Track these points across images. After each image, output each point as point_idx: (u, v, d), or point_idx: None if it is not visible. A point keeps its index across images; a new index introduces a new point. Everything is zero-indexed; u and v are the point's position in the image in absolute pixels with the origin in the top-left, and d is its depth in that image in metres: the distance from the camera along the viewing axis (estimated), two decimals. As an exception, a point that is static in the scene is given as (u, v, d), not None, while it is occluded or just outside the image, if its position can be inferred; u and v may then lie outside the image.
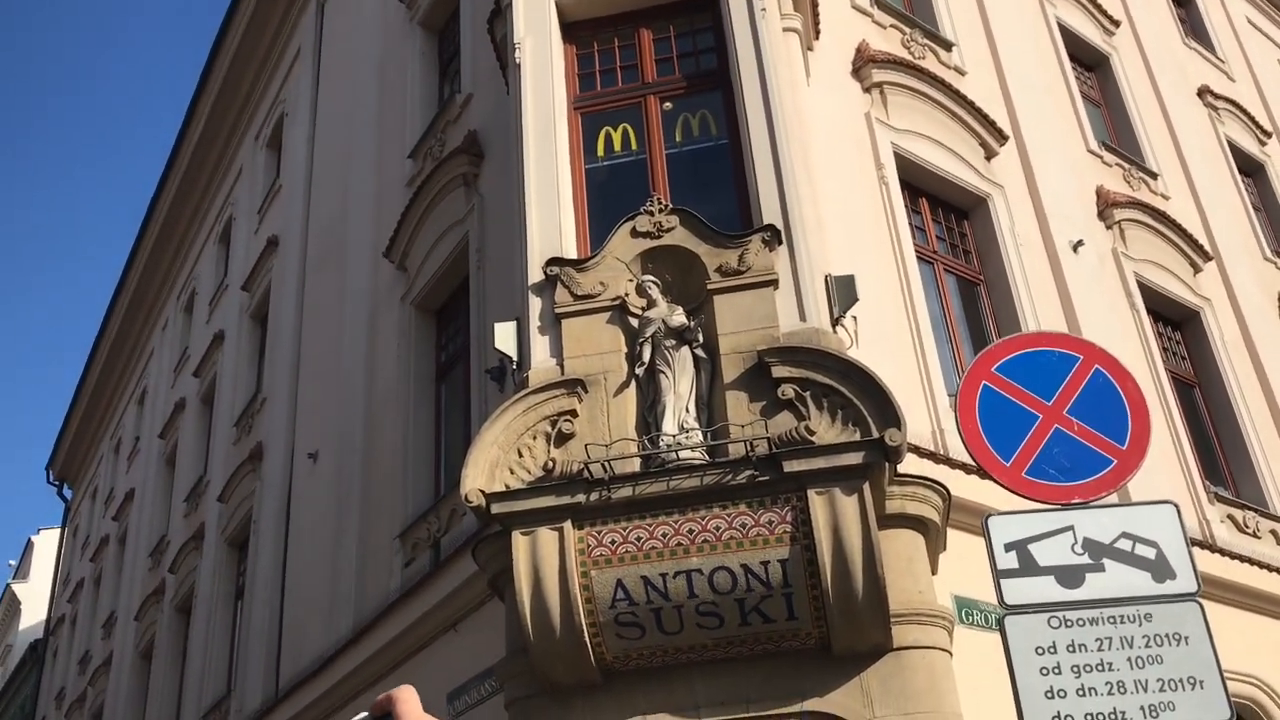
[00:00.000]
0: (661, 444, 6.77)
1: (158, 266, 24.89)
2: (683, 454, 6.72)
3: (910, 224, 9.57)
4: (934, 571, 7.18)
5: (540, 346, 7.42)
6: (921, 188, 10.11)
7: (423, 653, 9.48)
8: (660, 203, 7.62)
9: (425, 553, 9.81)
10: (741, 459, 6.57)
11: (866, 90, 9.95)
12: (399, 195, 12.17)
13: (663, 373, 7.01)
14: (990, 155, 10.75)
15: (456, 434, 10.43)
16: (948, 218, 10.38)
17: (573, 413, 7.09)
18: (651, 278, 7.37)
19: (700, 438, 6.84)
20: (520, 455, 7.01)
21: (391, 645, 9.86)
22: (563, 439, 7.03)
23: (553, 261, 7.56)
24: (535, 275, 7.59)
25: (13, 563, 42.41)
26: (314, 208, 15.58)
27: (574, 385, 7.13)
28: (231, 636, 15.32)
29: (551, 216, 7.81)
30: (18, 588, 39.51)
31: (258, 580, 14.17)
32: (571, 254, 7.70)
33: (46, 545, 37.58)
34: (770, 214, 7.47)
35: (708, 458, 6.74)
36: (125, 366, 27.94)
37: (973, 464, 6.87)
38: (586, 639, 6.57)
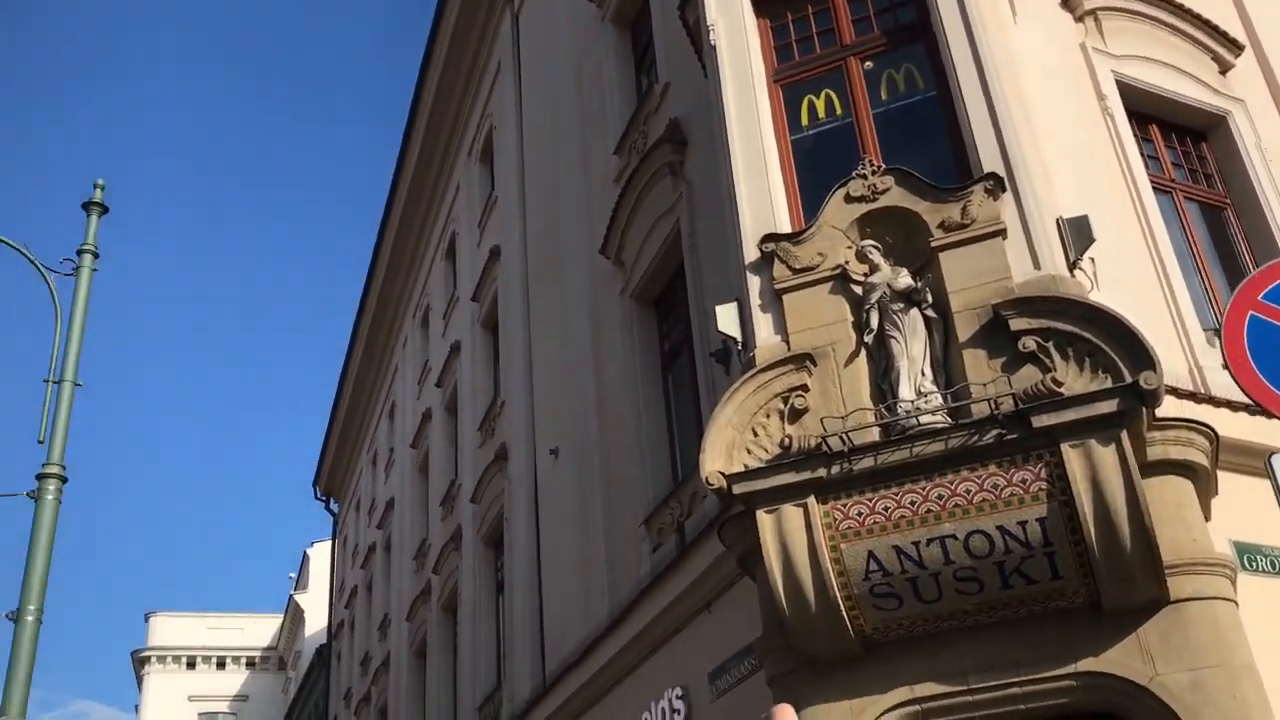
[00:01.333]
0: (900, 411, 6.63)
1: (393, 288, 26.34)
2: (923, 419, 6.57)
3: (1142, 154, 8.99)
4: (1207, 518, 6.74)
5: (764, 324, 7.40)
6: (1150, 114, 9.48)
7: (679, 635, 9.65)
8: (872, 164, 7.46)
9: (671, 537, 9.99)
10: (986, 418, 6.36)
11: (1079, 20, 9.40)
12: (608, 192, 12.40)
13: (893, 338, 6.87)
14: (1225, 69, 9.97)
15: (687, 420, 10.57)
16: (1183, 142, 9.69)
17: (804, 388, 7.04)
18: (871, 242, 7.23)
19: (940, 400, 6.66)
20: (755, 434, 7.02)
21: (648, 630, 10.09)
22: (796, 415, 7.00)
23: (767, 238, 7.53)
24: (751, 254, 7.58)
25: (293, 575, 45.88)
26: (529, 214, 16.10)
27: (802, 360, 7.08)
28: (497, 631, 16.05)
29: (761, 193, 7.78)
30: (299, 598, 42.71)
31: (515, 575, 14.79)
32: (785, 228, 7.64)
33: (320, 556, 40.46)
34: (990, 162, 7.19)
35: (950, 420, 6.55)
36: (373, 384, 29.72)
37: (1242, 400, 6.45)
38: (843, 612, 6.53)
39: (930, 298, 6.90)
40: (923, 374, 6.78)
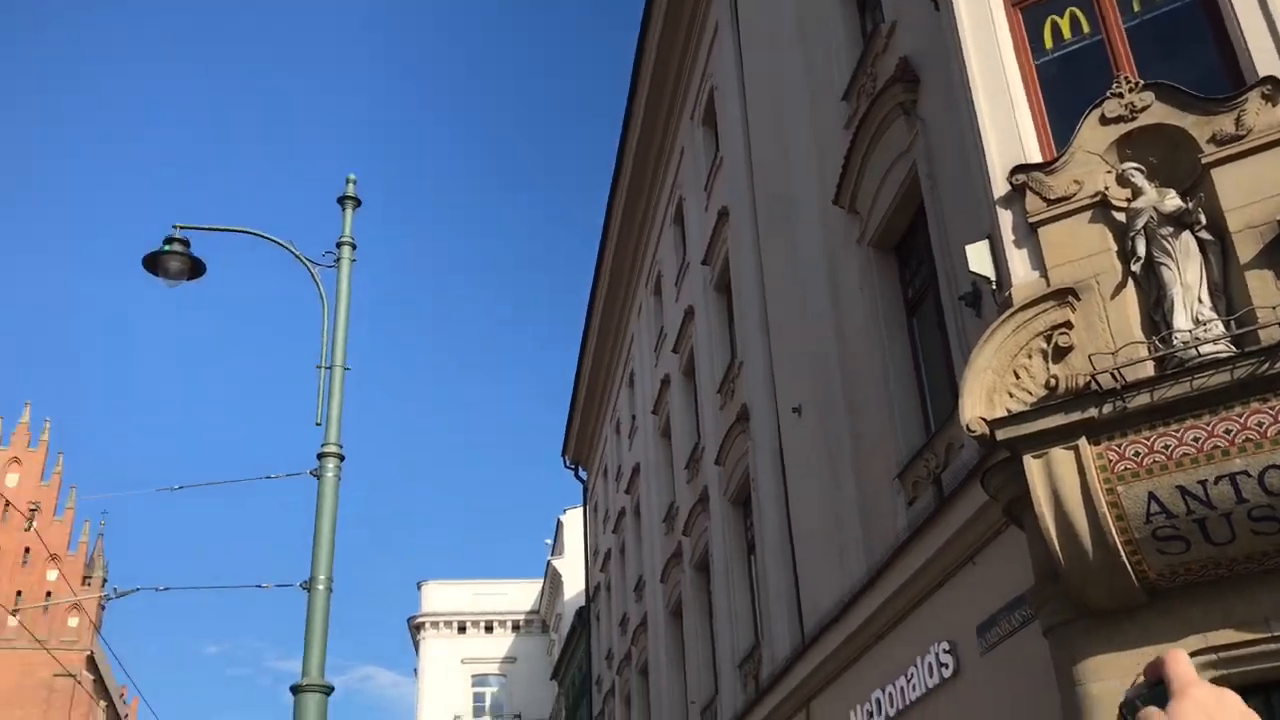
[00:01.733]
0: (1176, 341, 6.18)
1: (624, 258, 26.79)
2: (1203, 349, 6.10)
3: None
4: None
5: (1019, 261, 7.05)
6: None
7: (943, 589, 9.40)
8: (1128, 81, 6.95)
9: (927, 490, 9.72)
10: (1277, 345, 5.84)
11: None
12: (838, 140, 12.12)
13: (1164, 265, 6.40)
14: None
15: (937, 368, 10.24)
16: None
17: (1067, 324, 6.67)
18: (1132, 165, 6.75)
19: (1221, 328, 6.16)
20: (1017, 377, 6.71)
21: (909, 585, 9.88)
22: (1061, 353, 6.64)
23: (1017, 169, 7.16)
24: (1000, 188, 7.22)
25: (548, 541, 47.75)
26: (757, 171, 15.96)
27: (1064, 295, 6.70)
28: (751, 589, 16.14)
29: (1007, 123, 7.39)
30: (556, 563, 44.37)
31: (766, 534, 14.81)
32: (1036, 157, 7.24)
33: (573, 523, 41.86)
34: (1266, 64, 6.57)
35: (1234, 349, 6.06)
36: (612, 354, 30.39)
37: None
38: (1124, 558, 6.17)
39: (1204, 219, 6.39)
40: (1200, 301, 6.30)
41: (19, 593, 44.60)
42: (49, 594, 67.12)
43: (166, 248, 10.70)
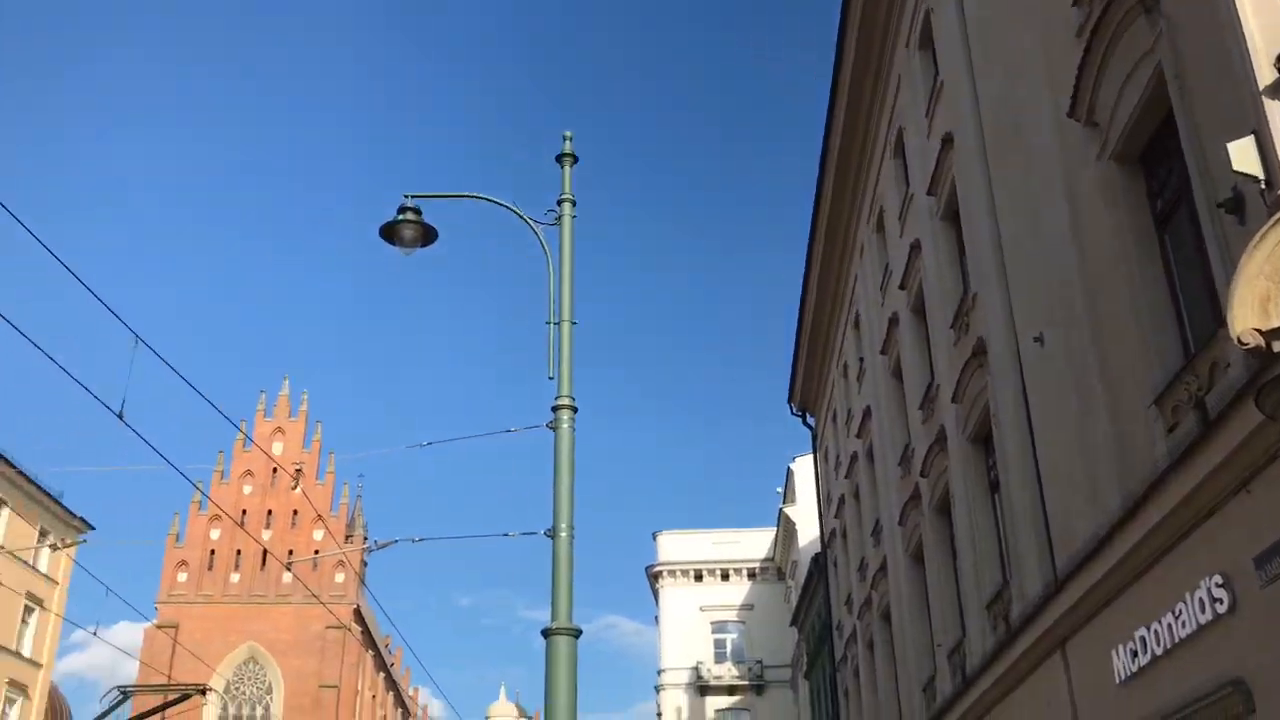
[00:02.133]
0: None
1: (842, 198, 26.20)
2: None
3: None
4: None
5: (1291, 155, 6.39)
6: None
7: (1212, 519, 8.74)
8: None
9: (1188, 415, 9.04)
10: None
11: None
12: (1069, 50, 11.34)
13: None
14: None
15: (1193, 284, 9.48)
16: None
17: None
18: None
19: None
20: (1294, 282, 6.11)
21: (1172, 516, 9.24)
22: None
23: (1286, 54, 6.48)
24: (1266, 76, 6.56)
25: (779, 489, 47.73)
26: (981, 92, 15.20)
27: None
28: (995, 528, 15.59)
29: (1271, 6, 6.68)
30: (788, 511, 44.34)
31: (1010, 471, 14.24)
32: (1306, 40, 6.53)
33: (804, 470, 41.68)
34: None
35: None
36: (835, 297, 29.88)
37: None
38: None
39: None
40: None
41: (290, 551, 48.29)
42: (316, 552, 72.46)
43: (400, 217, 11.16)
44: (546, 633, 9.41)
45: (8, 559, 42.91)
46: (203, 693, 15.13)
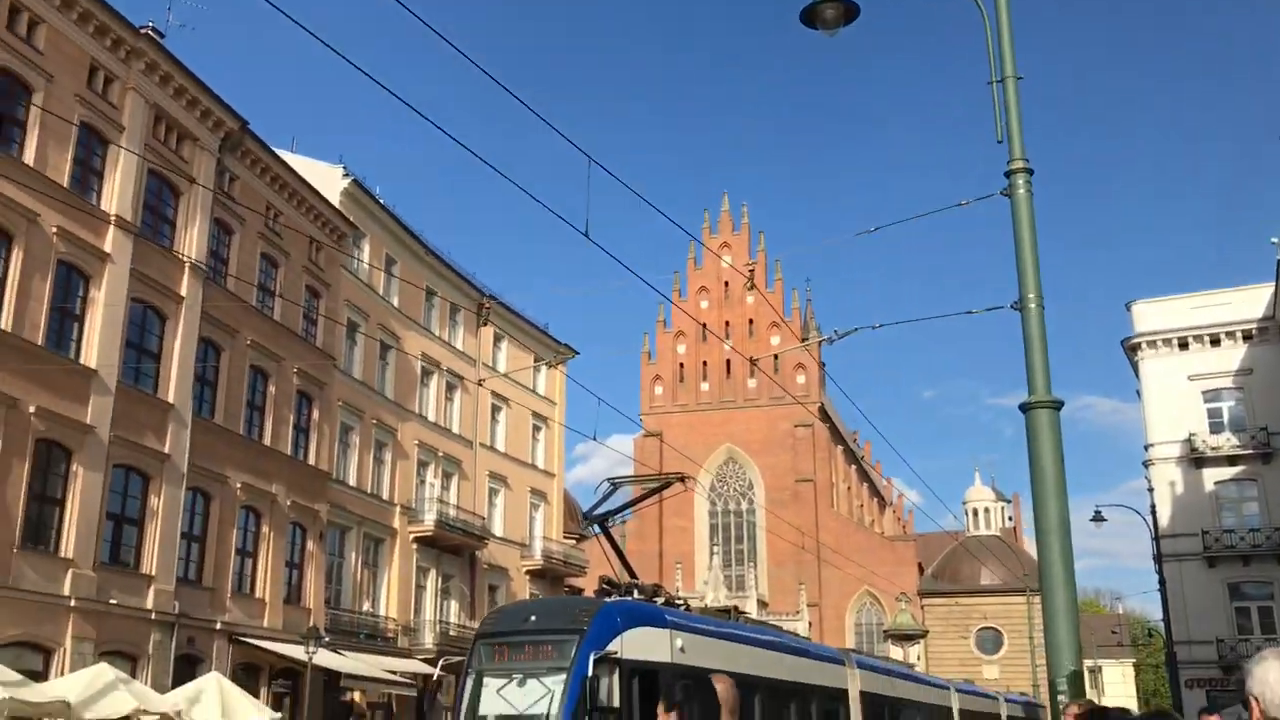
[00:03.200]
0: None
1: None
2: None
3: None
4: None
5: None
6: None
7: None
8: None
9: None
10: None
11: None
12: None
13: None
14: None
15: None
16: None
17: None
18: None
19: None
20: None
21: None
22: None
23: None
24: None
25: (1275, 240, 42.27)
26: None
27: None
28: None
29: None
30: (1286, 262, 39.23)
31: None
32: None
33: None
34: None
35: None
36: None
37: None
38: None
39: None
40: None
41: (751, 358, 50.52)
42: (775, 356, 75.47)
43: (819, -2, 10.62)
44: (1025, 407, 8.96)
45: (515, 386, 48.63)
46: (682, 480, 16.48)
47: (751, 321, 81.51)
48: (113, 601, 26.55)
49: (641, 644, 13.72)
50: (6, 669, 21.43)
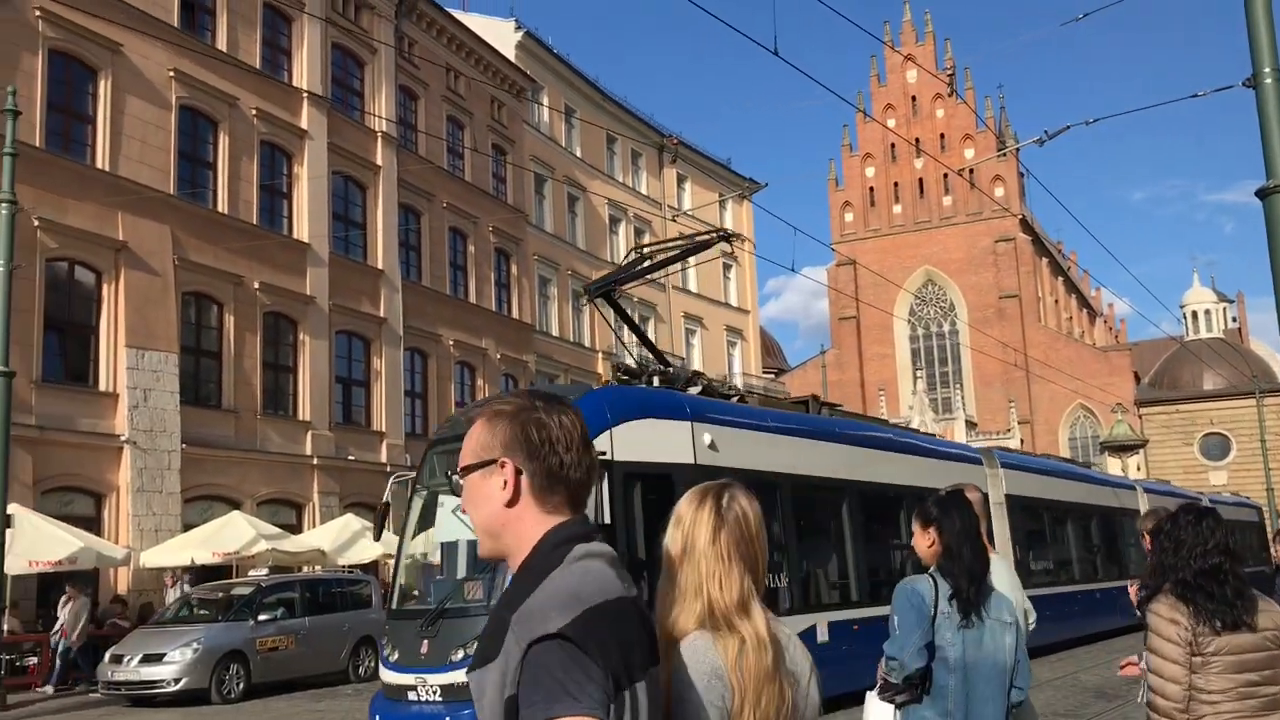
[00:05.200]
0: None
1: None
2: None
3: None
4: None
5: None
6: None
7: None
8: None
9: None
10: None
11: None
12: None
13: None
14: None
15: None
16: None
17: None
18: None
19: None
20: None
21: None
22: None
23: None
24: None
25: None
26: None
27: None
28: None
29: None
30: None
31: None
32: None
33: None
34: None
35: None
36: None
37: None
38: None
39: None
40: None
41: (948, 172, 48.52)
42: (971, 170, 72.23)
43: None
44: (1263, 193, 8.29)
45: (702, 225, 48.49)
46: (727, 239, 13.86)
47: (943, 136, 78.00)
48: (350, 458, 28.56)
49: (644, 441, 11.11)
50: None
